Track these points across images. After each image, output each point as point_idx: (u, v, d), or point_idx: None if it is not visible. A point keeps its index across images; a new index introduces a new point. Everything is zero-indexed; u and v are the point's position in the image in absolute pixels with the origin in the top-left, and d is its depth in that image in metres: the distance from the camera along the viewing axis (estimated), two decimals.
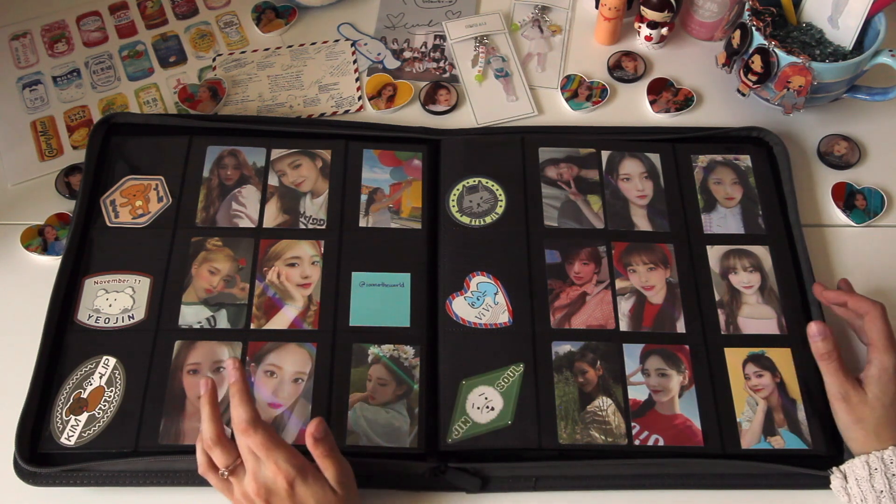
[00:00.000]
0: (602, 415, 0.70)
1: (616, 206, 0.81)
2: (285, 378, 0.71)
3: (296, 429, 0.68)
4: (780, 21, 0.87)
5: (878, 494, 0.62)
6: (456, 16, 0.97)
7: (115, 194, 0.80)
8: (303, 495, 0.59)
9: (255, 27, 0.95)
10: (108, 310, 0.73)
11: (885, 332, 0.67)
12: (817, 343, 0.68)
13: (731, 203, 0.81)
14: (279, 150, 0.83)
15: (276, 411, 0.69)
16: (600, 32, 0.95)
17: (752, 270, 0.78)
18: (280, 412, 0.69)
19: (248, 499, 0.60)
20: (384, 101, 0.90)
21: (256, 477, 0.59)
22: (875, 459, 0.63)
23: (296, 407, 0.69)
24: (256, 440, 0.59)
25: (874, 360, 0.66)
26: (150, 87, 0.91)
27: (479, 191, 0.81)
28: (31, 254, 0.79)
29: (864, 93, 0.86)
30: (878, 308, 0.68)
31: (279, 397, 0.70)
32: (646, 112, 0.90)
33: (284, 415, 0.69)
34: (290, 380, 0.71)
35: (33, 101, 0.90)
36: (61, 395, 0.69)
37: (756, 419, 0.70)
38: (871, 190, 0.84)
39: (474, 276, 0.76)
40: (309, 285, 0.75)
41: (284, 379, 0.71)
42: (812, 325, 0.69)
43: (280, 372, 0.71)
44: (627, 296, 0.76)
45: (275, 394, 0.70)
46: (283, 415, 0.69)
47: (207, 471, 0.61)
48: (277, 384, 0.70)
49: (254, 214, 0.79)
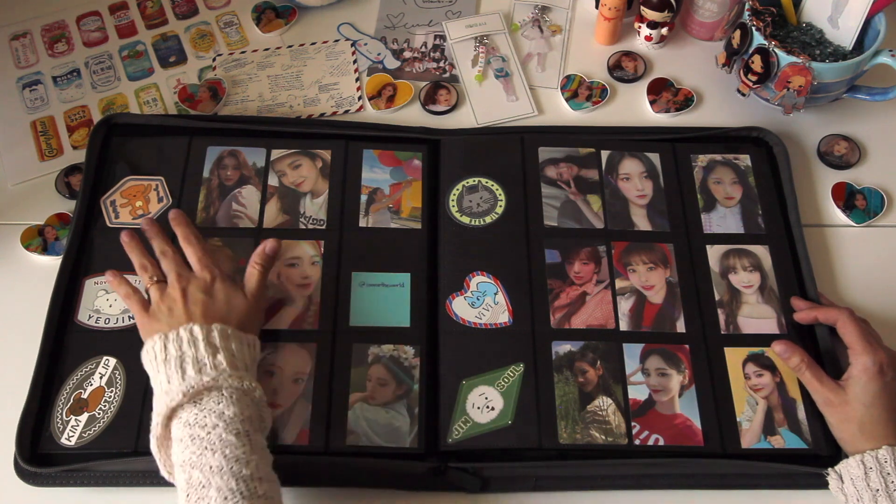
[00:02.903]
0: (602, 414, 0.70)
1: (616, 205, 0.81)
2: (285, 378, 0.71)
3: (296, 429, 0.68)
4: (780, 21, 0.88)
5: (874, 493, 0.63)
6: (456, 16, 0.97)
7: (115, 195, 0.80)
8: (218, 290, 0.68)
9: (255, 27, 0.95)
10: (108, 310, 0.73)
11: (858, 334, 0.68)
12: (786, 360, 0.71)
13: (731, 203, 0.81)
14: (279, 150, 0.83)
15: (276, 411, 0.69)
16: (600, 32, 0.95)
17: (751, 270, 0.78)
18: (280, 412, 0.69)
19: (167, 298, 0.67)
20: (384, 101, 0.90)
21: (181, 277, 0.68)
22: (870, 458, 0.64)
23: (296, 407, 0.69)
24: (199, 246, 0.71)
25: (855, 362, 0.68)
26: (150, 87, 0.91)
27: (478, 191, 0.81)
28: (31, 254, 0.79)
29: (864, 93, 0.86)
30: (844, 313, 0.70)
31: (279, 397, 0.70)
32: (646, 112, 0.90)
33: (284, 415, 0.69)
34: (290, 380, 0.71)
35: (33, 101, 0.90)
36: (61, 395, 0.69)
37: (756, 419, 0.70)
38: (871, 190, 0.84)
39: (474, 276, 0.76)
40: (309, 285, 0.75)
41: (284, 379, 0.71)
42: (776, 345, 0.72)
43: (280, 372, 0.71)
44: (627, 295, 0.76)
45: (275, 394, 0.70)
46: (283, 415, 0.69)
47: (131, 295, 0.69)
48: (277, 384, 0.70)
49: (254, 215, 0.79)
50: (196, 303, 0.66)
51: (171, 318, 0.66)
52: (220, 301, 0.67)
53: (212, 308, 0.66)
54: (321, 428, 0.68)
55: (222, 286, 0.68)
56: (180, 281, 0.68)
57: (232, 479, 0.56)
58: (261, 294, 0.71)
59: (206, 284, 0.68)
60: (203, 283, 0.68)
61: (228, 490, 0.55)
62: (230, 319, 0.66)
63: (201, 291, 0.67)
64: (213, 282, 0.68)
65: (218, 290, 0.68)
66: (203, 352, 0.62)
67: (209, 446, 0.57)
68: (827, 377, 0.69)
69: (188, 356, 0.62)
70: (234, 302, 0.68)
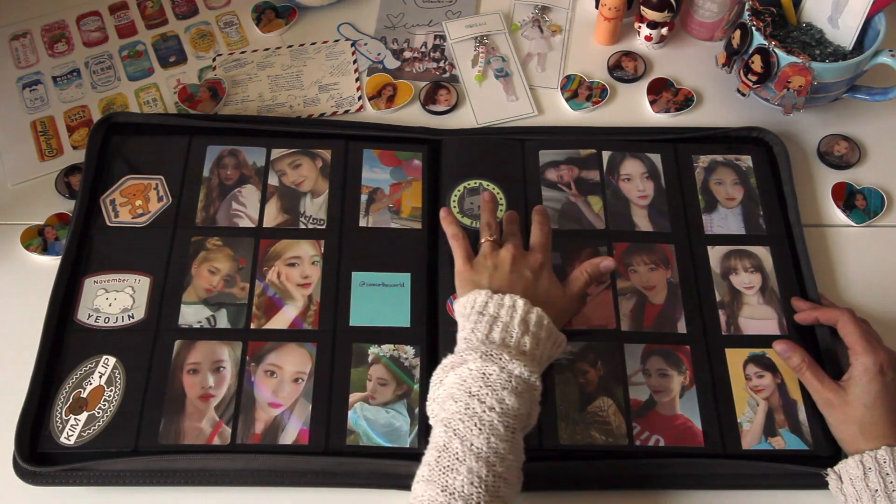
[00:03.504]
0: (603, 415, 0.70)
1: (617, 206, 0.81)
2: (285, 378, 0.71)
3: (296, 429, 0.68)
4: (780, 21, 0.88)
5: (873, 493, 0.63)
6: (456, 16, 0.97)
7: (114, 194, 0.80)
8: (544, 276, 0.70)
9: (255, 27, 0.95)
10: (107, 309, 0.73)
11: (859, 335, 0.68)
12: (787, 359, 0.71)
13: (732, 203, 0.81)
14: (279, 149, 0.83)
15: (276, 411, 0.69)
16: (600, 32, 0.95)
17: (752, 271, 0.78)
18: (280, 412, 0.69)
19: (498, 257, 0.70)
20: (384, 101, 0.90)
21: (517, 247, 0.71)
22: (869, 459, 0.64)
23: (296, 407, 0.69)
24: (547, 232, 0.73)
25: (855, 363, 0.68)
26: (150, 87, 0.91)
27: (480, 193, 0.81)
28: (31, 254, 0.79)
29: (864, 93, 0.86)
30: (845, 314, 0.70)
31: (279, 397, 0.70)
32: (646, 112, 0.90)
33: (284, 415, 0.69)
34: (290, 380, 0.71)
35: (33, 101, 0.90)
36: (61, 394, 0.69)
37: (757, 420, 0.70)
38: (871, 190, 0.84)
39: None
40: (309, 285, 0.75)
41: (284, 379, 0.71)
42: (777, 345, 0.72)
43: (280, 372, 0.71)
44: (628, 296, 0.76)
45: (275, 394, 0.70)
46: (282, 415, 0.69)
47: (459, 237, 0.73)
48: (277, 384, 0.70)
49: (254, 214, 0.79)
50: (521, 276, 0.68)
51: (493, 274, 0.68)
52: (542, 287, 0.69)
53: (533, 289, 0.68)
54: (321, 428, 0.68)
55: (549, 275, 0.70)
56: (516, 249, 0.70)
57: (485, 468, 0.57)
58: (580, 298, 0.73)
59: (537, 266, 0.70)
60: (536, 262, 0.70)
61: (478, 477, 0.56)
62: (547, 308, 0.67)
63: (530, 269, 0.69)
64: (543, 267, 0.70)
65: (545, 276, 0.70)
66: (516, 326, 0.63)
67: (479, 424, 0.58)
68: (827, 378, 0.69)
69: (501, 321, 0.64)
70: (554, 294, 0.69)
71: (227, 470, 0.67)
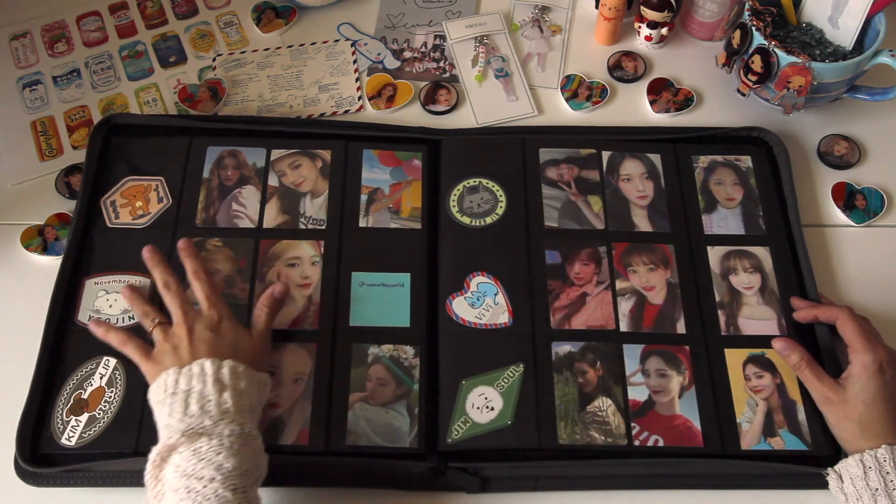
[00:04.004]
0: (602, 415, 0.70)
1: (616, 206, 0.81)
2: (285, 378, 0.71)
3: (296, 429, 0.68)
4: (780, 21, 0.87)
5: (874, 492, 0.63)
6: (456, 16, 0.97)
7: (115, 195, 0.80)
8: (225, 329, 0.66)
9: (255, 27, 0.95)
10: (108, 310, 0.73)
11: (858, 332, 0.68)
12: (786, 357, 0.71)
13: (732, 204, 0.81)
14: (279, 150, 0.83)
15: (276, 411, 0.69)
16: (600, 32, 0.95)
17: (752, 271, 0.78)
18: (280, 412, 0.69)
19: (173, 337, 0.65)
20: (384, 101, 0.90)
21: (187, 315, 0.66)
22: (869, 458, 0.64)
23: (296, 407, 0.69)
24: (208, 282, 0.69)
25: (854, 360, 0.68)
26: (150, 87, 0.91)
27: (479, 191, 0.81)
28: (31, 254, 0.79)
29: (864, 93, 0.86)
30: (844, 311, 0.70)
31: (279, 397, 0.70)
32: (646, 112, 0.90)
33: (284, 415, 0.69)
34: (290, 380, 0.71)
35: (33, 101, 0.90)
36: (62, 395, 0.69)
37: (756, 420, 0.70)
38: (871, 190, 0.84)
39: (474, 277, 0.76)
40: (309, 285, 0.75)
41: (284, 379, 0.71)
42: (776, 343, 0.72)
43: (280, 372, 0.71)
44: (628, 296, 0.76)
45: (275, 394, 0.70)
46: (282, 415, 0.69)
47: (126, 341, 0.67)
48: (277, 384, 0.70)
49: (254, 215, 0.79)
50: (202, 340, 0.65)
51: (175, 357, 0.64)
52: (227, 340, 0.66)
53: (219, 346, 0.65)
54: (321, 428, 0.68)
55: (230, 325, 0.67)
56: (187, 319, 0.66)
57: None
58: (267, 335, 0.70)
59: (214, 322, 0.66)
60: (210, 321, 0.66)
61: None
62: (238, 358, 0.64)
63: (208, 329, 0.66)
64: (221, 321, 0.67)
65: (225, 328, 0.66)
66: (210, 388, 0.61)
67: (204, 501, 0.56)
68: (826, 375, 0.69)
69: (195, 391, 0.60)
70: (241, 341, 0.67)
71: None
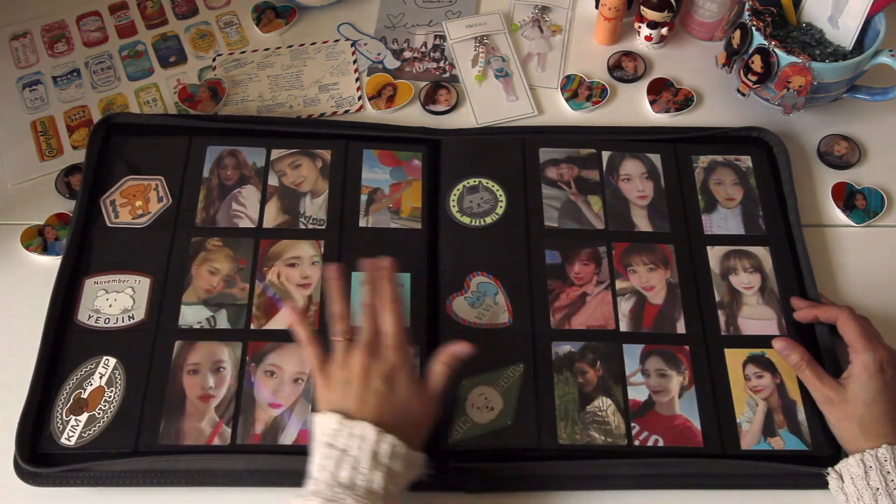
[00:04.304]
0: (602, 415, 0.70)
1: (616, 206, 0.81)
2: (285, 378, 0.71)
3: (296, 429, 0.68)
4: (780, 21, 0.87)
5: (874, 492, 0.63)
6: (456, 16, 0.97)
7: (115, 194, 0.80)
8: (400, 382, 0.63)
9: (255, 27, 0.95)
10: (108, 310, 0.73)
11: (858, 332, 0.68)
12: (786, 357, 0.71)
13: (732, 204, 0.81)
14: (279, 150, 0.83)
15: (276, 411, 0.69)
16: (600, 32, 0.95)
17: (752, 271, 0.78)
18: (280, 412, 0.69)
19: (348, 366, 0.64)
20: (384, 101, 0.90)
21: (369, 349, 0.64)
22: (870, 457, 0.64)
23: (296, 407, 0.69)
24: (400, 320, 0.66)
25: (855, 360, 0.68)
26: (150, 87, 0.91)
27: (479, 191, 0.81)
28: (31, 254, 0.79)
29: (864, 93, 0.86)
30: (844, 311, 0.70)
31: (279, 397, 0.70)
32: (646, 112, 0.90)
33: (284, 415, 0.69)
34: (290, 380, 0.71)
35: (33, 101, 0.90)
36: (61, 395, 0.69)
37: (756, 420, 0.70)
38: (871, 190, 0.84)
39: (474, 276, 0.76)
40: (309, 285, 0.75)
41: (284, 379, 0.71)
42: (776, 342, 0.71)
43: (280, 372, 0.71)
44: (627, 296, 0.76)
45: (275, 394, 0.70)
46: (283, 415, 0.69)
47: (309, 343, 0.66)
48: (277, 384, 0.70)
49: (254, 214, 0.79)
50: (374, 392, 0.62)
51: (345, 392, 0.62)
52: (399, 398, 0.63)
53: (388, 406, 0.62)
54: None
55: (407, 379, 0.64)
56: (367, 354, 0.64)
57: None
58: (440, 396, 0.66)
59: (391, 370, 0.63)
60: (389, 367, 0.63)
61: None
62: (405, 421, 0.62)
63: (382, 380, 0.63)
64: (398, 371, 0.64)
65: (401, 381, 0.63)
66: (365, 461, 0.59)
67: None
68: (827, 375, 0.69)
69: (349, 456, 0.59)
70: (413, 404, 0.63)
71: (228, 470, 0.67)
